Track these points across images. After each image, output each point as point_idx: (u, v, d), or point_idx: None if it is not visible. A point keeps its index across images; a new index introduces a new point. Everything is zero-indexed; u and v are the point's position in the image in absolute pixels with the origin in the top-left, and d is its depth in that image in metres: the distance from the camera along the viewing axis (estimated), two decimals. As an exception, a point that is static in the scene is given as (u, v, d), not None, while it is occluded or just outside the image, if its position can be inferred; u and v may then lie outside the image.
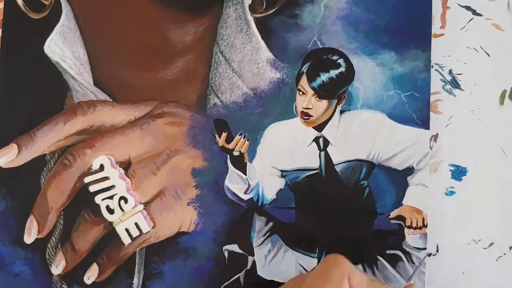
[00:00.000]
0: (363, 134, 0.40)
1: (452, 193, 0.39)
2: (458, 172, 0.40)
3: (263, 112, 0.40)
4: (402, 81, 0.40)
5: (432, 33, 0.40)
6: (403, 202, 0.39)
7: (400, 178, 0.39)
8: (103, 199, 0.39)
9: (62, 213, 0.39)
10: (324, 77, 0.40)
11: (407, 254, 0.39)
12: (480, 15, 0.40)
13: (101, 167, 0.39)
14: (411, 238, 0.39)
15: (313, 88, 0.40)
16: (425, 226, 0.39)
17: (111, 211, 0.39)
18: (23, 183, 0.39)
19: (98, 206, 0.39)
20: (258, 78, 0.40)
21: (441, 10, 0.40)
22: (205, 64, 0.40)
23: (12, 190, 0.39)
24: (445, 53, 0.40)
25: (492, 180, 0.39)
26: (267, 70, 0.40)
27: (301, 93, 0.40)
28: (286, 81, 0.40)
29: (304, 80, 0.40)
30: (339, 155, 0.40)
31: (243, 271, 0.39)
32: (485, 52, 0.40)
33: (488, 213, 0.39)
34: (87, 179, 0.39)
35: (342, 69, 0.40)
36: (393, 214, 0.39)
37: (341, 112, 0.40)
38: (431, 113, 0.40)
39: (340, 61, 0.40)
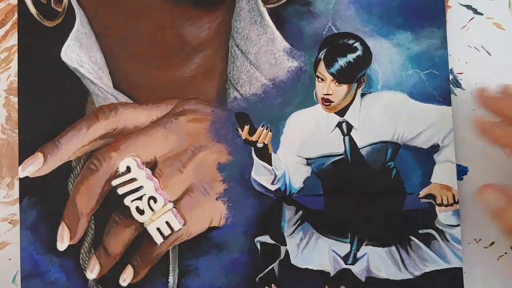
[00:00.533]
0: (385, 116, 0.40)
1: None
2: (459, 172, 0.39)
3: (283, 102, 0.40)
4: (419, 60, 0.40)
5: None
6: (431, 180, 0.39)
7: (426, 157, 0.39)
8: (132, 201, 0.39)
9: (93, 217, 0.39)
10: (341, 61, 0.40)
11: (441, 232, 0.39)
12: (481, 14, 0.40)
13: (128, 169, 0.39)
14: (443, 216, 0.39)
15: (331, 74, 0.40)
16: (456, 202, 0.39)
17: (141, 211, 0.39)
18: (52, 191, 0.40)
19: (127, 208, 0.39)
20: (276, 69, 0.40)
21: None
22: (222, 59, 0.40)
23: (41, 198, 0.40)
24: None
25: (493, 179, 0.39)
26: (284, 60, 0.40)
27: (320, 79, 0.40)
28: (304, 69, 0.40)
29: (322, 67, 0.40)
30: (363, 139, 0.40)
31: (277, 261, 0.39)
32: (486, 51, 0.40)
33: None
34: (114, 182, 0.39)
35: (359, 52, 0.40)
36: (422, 193, 0.39)
37: (362, 95, 0.40)
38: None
39: (357, 44, 0.40)
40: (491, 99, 0.36)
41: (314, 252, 0.39)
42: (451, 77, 0.40)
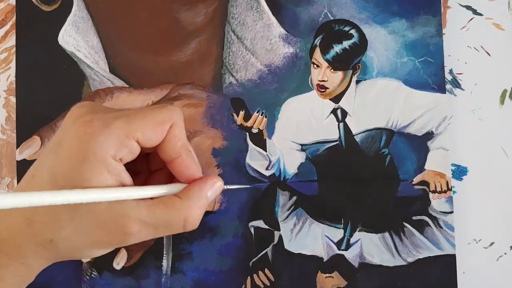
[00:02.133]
0: (380, 103, 0.40)
1: (453, 192, 0.39)
2: (459, 172, 0.40)
3: (279, 88, 0.40)
4: (415, 48, 0.40)
5: (433, 34, 0.40)
6: (425, 167, 0.39)
7: (420, 144, 0.39)
8: (126, 184, 0.39)
9: (87, 200, 0.40)
10: (337, 48, 0.40)
11: (434, 219, 0.39)
12: (480, 14, 0.40)
13: (123, 153, 0.39)
14: (437, 203, 0.39)
15: (327, 60, 0.40)
16: (449, 189, 0.39)
17: (135, 195, 0.39)
18: (47, 173, 0.40)
19: (122, 191, 0.39)
20: (271, 54, 0.40)
21: (442, 9, 0.40)
22: (218, 44, 0.40)
23: (36, 181, 0.40)
24: (445, 53, 0.40)
25: (492, 179, 0.39)
26: (280, 46, 0.40)
27: (315, 66, 0.40)
28: (299, 55, 0.40)
29: (317, 53, 0.40)
30: (358, 125, 0.40)
31: (271, 246, 0.40)
32: (486, 51, 0.40)
33: (489, 213, 0.39)
34: (109, 166, 0.39)
35: (354, 39, 0.40)
36: (416, 179, 0.39)
37: (357, 82, 0.40)
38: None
39: (352, 31, 0.40)
40: None
41: (308, 237, 0.39)
42: (450, 77, 0.40)
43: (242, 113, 0.40)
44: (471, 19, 0.40)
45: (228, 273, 0.39)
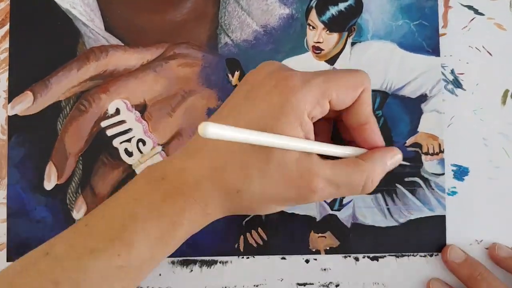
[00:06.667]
0: (375, 65, 0.40)
1: (454, 193, 0.40)
2: (460, 172, 0.40)
3: (274, 49, 0.40)
4: (410, 11, 0.40)
5: (434, 34, 0.40)
6: (418, 129, 0.40)
7: (414, 106, 0.40)
8: (121, 142, 0.39)
9: (81, 158, 0.39)
10: (333, 10, 0.40)
11: (426, 180, 0.39)
12: (482, 14, 0.40)
13: (117, 111, 0.39)
14: (429, 165, 0.39)
15: (322, 22, 0.40)
16: (441, 151, 0.39)
17: (129, 154, 0.39)
18: (40, 130, 0.39)
19: (116, 149, 0.39)
20: (267, 15, 0.40)
21: (443, 9, 0.40)
22: (214, 4, 0.40)
23: (29, 137, 0.39)
24: (447, 53, 0.40)
25: (494, 180, 0.39)
26: (276, 7, 0.40)
27: (311, 27, 0.40)
28: (295, 17, 0.40)
29: (313, 15, 0.40)
30: (352, 87, 0.40)
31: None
32: (487, 51, 0.40)
33: (490, 214, 0.39)
34: (103, 124, 0.39)
35: (350, 1, 0.40)
36: (409, 141, 0.40)
37: (352, 44, 0.40)
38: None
39: (348, -7, 0.40)
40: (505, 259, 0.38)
41: (301, 197, 0.40)
42: (452, 77, 0.40)
43: (237, 73, 0.40)
44: (473, 19, 0.40)
45: (221, 232, 0.39)
